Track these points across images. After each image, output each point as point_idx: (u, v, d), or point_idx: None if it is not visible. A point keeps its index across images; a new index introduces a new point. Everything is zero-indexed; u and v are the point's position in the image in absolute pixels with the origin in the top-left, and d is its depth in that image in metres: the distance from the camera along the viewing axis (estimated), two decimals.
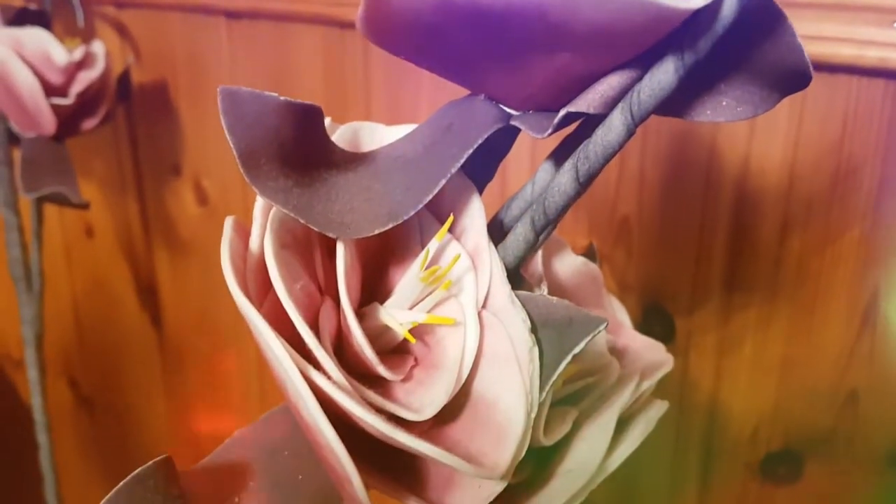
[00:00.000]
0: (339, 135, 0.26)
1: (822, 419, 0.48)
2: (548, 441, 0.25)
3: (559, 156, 0.24)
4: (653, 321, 0.52)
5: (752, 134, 0.45)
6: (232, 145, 0.20)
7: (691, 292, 0.50)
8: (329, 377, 0.20)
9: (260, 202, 0.22)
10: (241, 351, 0.73)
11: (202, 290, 0.74)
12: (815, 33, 0.41)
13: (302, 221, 0.21)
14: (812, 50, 0.41)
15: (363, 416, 0.19)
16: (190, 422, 0.82)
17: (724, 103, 0.20)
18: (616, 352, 0.31)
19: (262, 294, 0.22)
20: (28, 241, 0.62)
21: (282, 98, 0.21)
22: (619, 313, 0.32)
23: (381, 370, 0.22)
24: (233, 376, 0.75)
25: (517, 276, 0.28)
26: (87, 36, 0.69)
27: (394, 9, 0.19)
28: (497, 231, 0.26)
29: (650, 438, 0.53)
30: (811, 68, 0.20)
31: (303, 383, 0.19)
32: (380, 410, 0.21)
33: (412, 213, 0.22)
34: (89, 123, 0.60)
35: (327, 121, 0.27)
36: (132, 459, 0.88)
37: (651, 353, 0.30)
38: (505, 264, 0.24)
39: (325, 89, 0.60)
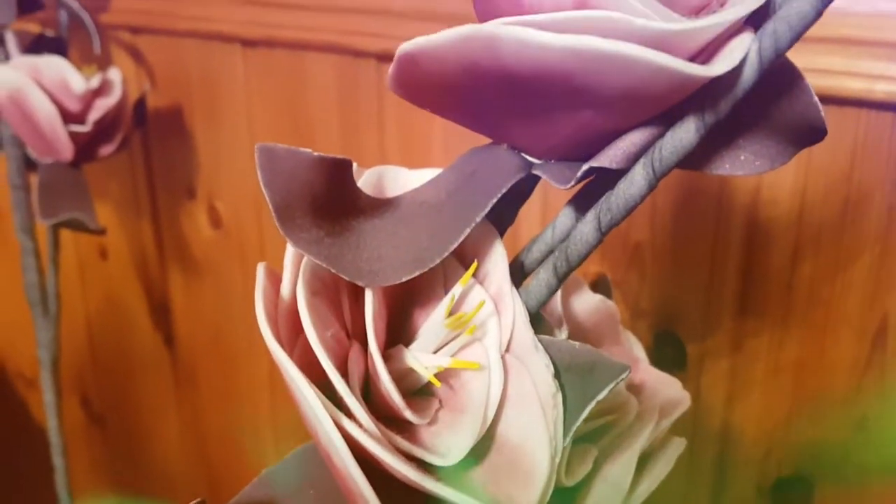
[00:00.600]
0: (365, 180, 0.27)
1: (833, 444, 0.48)
2: (570, 481, 0.26)
3: (580, 203, 0.25)
4: (665, 346, 0.52)
5: None
6: (268, 199, 0.21)
7: (703, 318, 0.50)
8: (360, 424, 0.21)
9: (291, 250, 0.23)
10: (253, 371, 0.74)
11: (215, 310, 0.75)
12: (825, 67, 0.42)
13: (333, 271, 0.22)
14: (821, 83, 0.42)
15: (394, 463, 0.20)
16: (202, 440, 0.82)
17: (742, 157, 0.21)
18: (633, 388, 0.31)
19: (293, 339, 0.23)
20: (45, 265, 0.63)
21: (315, 154, 0.21)
22: (636, 348, 0.33)
23: (408, 415, 0.23)
24: (244, 396, 0.76)
25: (538, 317, 0.28)
26: (103, 62, 0.70)
27: (422, 70, 0.20)
28: (518, 273, 0.27)
29: None
30: (826, 125, 0.20)
31: (335, 431, 0.20)
32: (407, 454, 0.22)
33: (438, 260, 0.23)
34: (106, 150, 0.61)
35: (354, 166, 0.28)
36: (145, 477, 0.88)
37: (668, 389, 0.31)
38: (527, 308, 0.25)
39: (339, 116, 0.61)
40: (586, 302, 0.31)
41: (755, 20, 0.19)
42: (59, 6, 0.63)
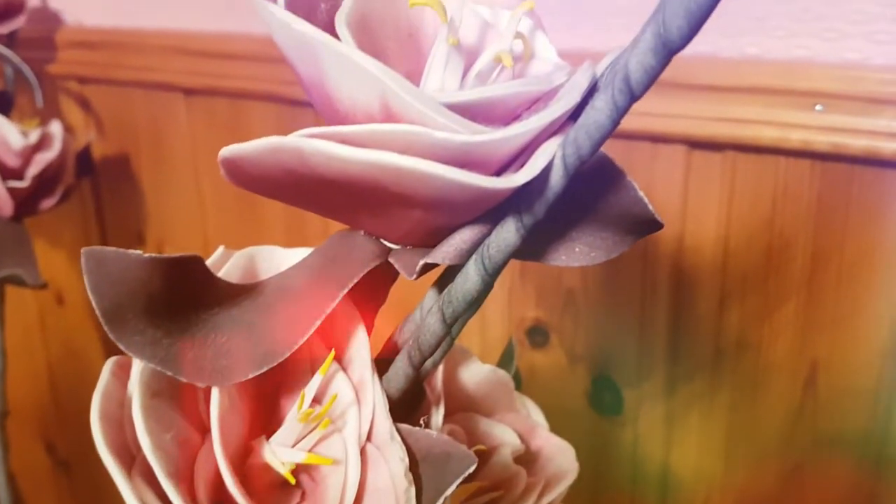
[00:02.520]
0: (234, 262, 0.27)
1: (769, 490, 0.48)
2: None
3: (441, 285, 0.25)
4: (602, 391, 0.52)
5: (686, 211, 0.45)
6: (94, 304, 0.20)
7: (637, 363, 0.50)
8: None
9: None
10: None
11: None
12: (740, 116, 0.42)
13: (169, 374, 0.21)
14: (737, 132, 0.42)
15: None
16: None
17: (577, 249, 0.21)
18: (529, 455, 0.31)
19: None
20: None
21: (146, 255, 0.21)
22: (535, 414, 0.33)
23: None
24: None
25: (420, 392, 0.28)
26: (51, 111, 0.70)
27: (247, 172, 0.20)
28: (393, 351, 0.27)
29: None
30: (659, 218, 0.20)
31: None
32: None
33: (287, 354, 0.23)
34: (47, 203, 0.60)
35: (220, 250, 0.27)
36: None
37: (561, 458, 0.30)
38: (388, 396, 0.24)
39: None
40: (475, 373, 0.30)
41: (579, 114, 0.19)
42: (3, 60, 0.63)
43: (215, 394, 0.22)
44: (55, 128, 0.61)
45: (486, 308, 0.54)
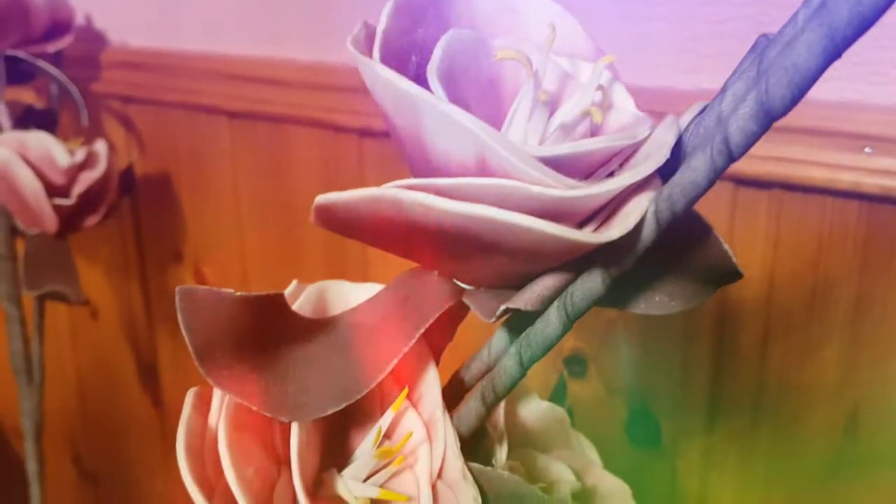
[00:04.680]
0: (306, 297, 0.27)
1: None
2: None
3: (513, 327, 0.25)
4: (640, 423, 0.52)
5: (732, 245, 0.46)
6: (188, 342, 0.21)
7: (677, 396, 0.50)
8: None
9: None
10: None
11: (201, 375, 0.75)
12: (788, 155, 0.42)
13: (255, 409, 0.22)
14: (784, 171, 0.42)
15: None
16: (189, 500, 0.82)
17: (657, 299, 0.21)
18: (584, 492, 0.31)
19: (220, 471, 0.23)
20: (30, 334, 0.64)
21: (238, 294, 0.22)
22: (589, 451, 0.33)
23: None
24: None
25: (482, 430, 0.28)
26: (93, 130, 0.71)
27: (340, 218, 0.21)
28: (457, 388, 0.27)
29: None
30: (740, 269, 0.21)
31: None
32: None
33: (365, 391, 0.23)
34: (91, 220, 0.61)
35: (293, 284, 0.28)
36: None
37: (617, 497, 0.31)
38: (459, 434, 0.25)
39: (322, 188, 0.61)
40: (534, 409, 0.31)
41: (664, 170, 0.20)
42: (50, 78, 0.64)
43: (295, 429, 0.23)
44: (100, 146, 0.62)
45: None
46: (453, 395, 0.27)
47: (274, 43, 0.61)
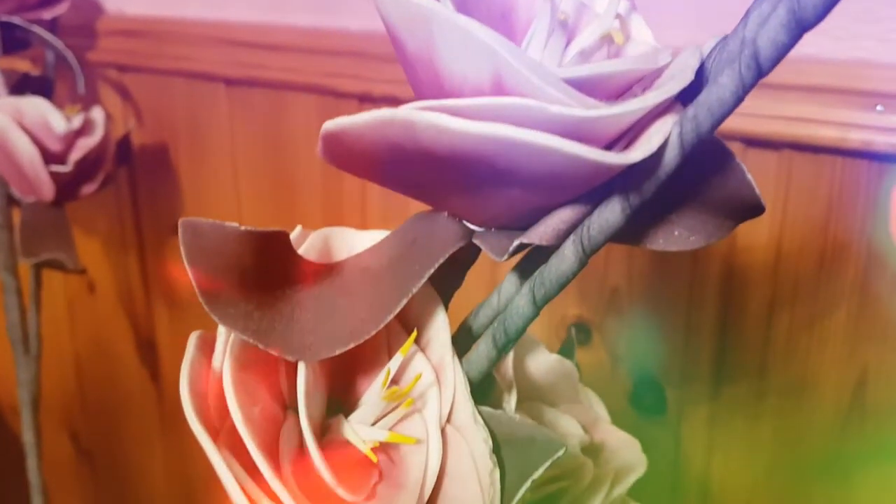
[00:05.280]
0: (310, 243, 0.27)
1: (814, 498, 0.47)
2: None
3: (524, 270, 0.25)
4: (645, 391, 0.51)
5: None
6: (191, 277, 0.20)
7: (682, 364, 0.49)
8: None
9: None
10: None
11: None
12: (798, 115, 0.41)
13: (261, 347, 0.21)
14: (794, 131, 0.41)
15: None
16: (188, 477, 0.81)
17: (676, 233, 0.20)
18: (593, 448, 0.30)
19: (226, 413, 0.22)
20: (27, 304, 0.63)
21: (242, 228, 0.21)
22: (597, 406, 0.32)
23: (340, 492, 0.22)
24: None
25: (490, 379, 0.28)
26: (90, 99, 0.70)
27: (348, 147, 0.20)
28: (465, 338, 0.26)
29: None
30: (763, 202, 0.20)
31: None
32: None
33: (373, 332, 0.22)
34: (88, 188, 0.61)
35: (298, 229, 0.27)
36: None
37: (627, 451, 0.30)
38: (469, 378, 0.24)
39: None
40: (542, 362, 0.30)
41: (686, 95, 0.19)
42: (46, 46, 0.63)
43: (302, 369, 0.22)
44: (97, 114, 0.61)
45: None
46: (462, 342, 0.26)
47: (273, 8, 0.60)
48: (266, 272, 0.22)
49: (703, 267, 0.46)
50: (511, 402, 0.27)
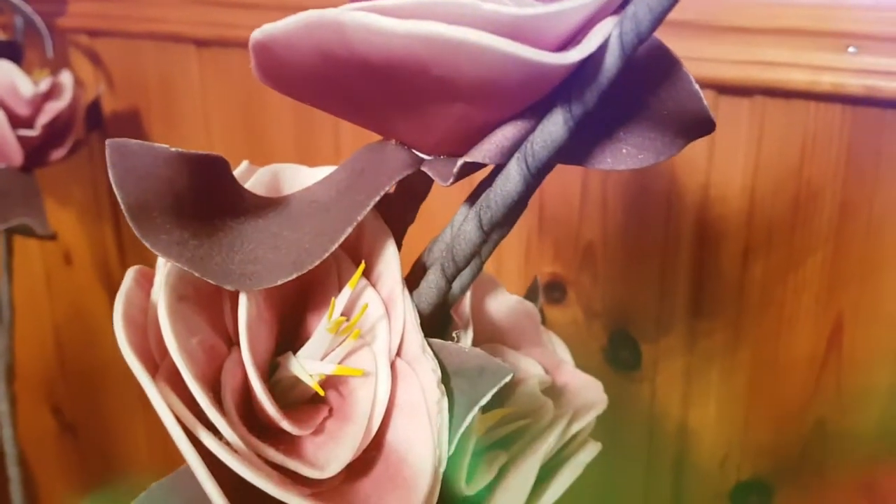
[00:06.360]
0: (258, 178, 0.26)
1: (790, 447, 0.47)
2: (469, 490, 0.24)
3: (475, 198, 0.24)
4: (619, 347, 0.51)
5: (712, 160, 0.44)
6: (119, 198, 0.20)
7: (657, 318, 0.49)
8: (220, 437, 0.20)
9: None
10: None
11: None
12: (769, 59, 0.40)
13: (196, 275, 0.20)
14: (766, 76, 0.41)
15: (252, 478, 0.19)
16: (171, 447, 0.81)
17: (624, 151, 0.20)
18: (555, 390, 0.30)
19: (165, 348, 0.22)
20: None
21: (174, 149, 0.20)
22: (560, 350, 0.32)
23: (285, 425, 0.21)
24: None
25: (447, 317, 0.27)
26: (60, 65, 0.69)
27: (279, 59, 0.19)
28: (420, 272, 0.26)
29: (620, 467, 0.52)
30: (713, 116, 0.19)
31: (187, 443, 0.19)
32: (282, 467, 0.21)
33: (318, 262, 0.22)
34: (57, 154, 0.60)
35: (244, 164, 0.26)
36: (115, 484, 0.87)
37: (588, 392, 0.30)
38: (419, 311, 0.24)
39: (294, 116, 0.60)
40: (502, 303, 0.29)
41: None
42: (14, 11, 0.62)
43: (243, 300, 0.22)
44: (65, 77, 0.60)
45: (502, 262, 0.53)
46: (416, 279, 0.25)
47: None
48: (204, 200, 0.21)
49: (676, 218, 0.46)
50: (467, 338, 0.26)
